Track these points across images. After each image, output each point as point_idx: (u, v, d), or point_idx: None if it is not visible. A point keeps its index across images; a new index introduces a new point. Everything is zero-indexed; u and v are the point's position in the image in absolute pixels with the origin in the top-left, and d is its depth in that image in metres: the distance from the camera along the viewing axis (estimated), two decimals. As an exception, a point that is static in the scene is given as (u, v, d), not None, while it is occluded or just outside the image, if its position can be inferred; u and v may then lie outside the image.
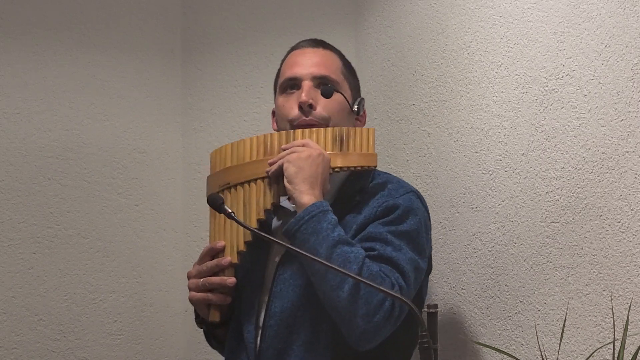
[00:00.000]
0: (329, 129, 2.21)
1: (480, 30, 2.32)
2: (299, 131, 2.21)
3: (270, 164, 2.18)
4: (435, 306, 1.73)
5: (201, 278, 2.21)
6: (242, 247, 2.20)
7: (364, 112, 2.35)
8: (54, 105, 2.85)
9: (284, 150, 2.18)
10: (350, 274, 1.88)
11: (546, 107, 2.09)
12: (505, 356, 2.09)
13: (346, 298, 2.03)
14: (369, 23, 2.84)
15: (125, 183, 2.93)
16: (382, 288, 1.81)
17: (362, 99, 2.32)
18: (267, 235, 2.03)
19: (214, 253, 2.22)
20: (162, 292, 2.97)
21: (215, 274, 2.20)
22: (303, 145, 2.17)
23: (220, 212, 2.08)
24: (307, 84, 2.27)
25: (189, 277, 2.25)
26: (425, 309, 1.76)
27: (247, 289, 2.26)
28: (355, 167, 2.20)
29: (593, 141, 1.96)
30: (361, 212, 2.20)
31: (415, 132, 2.58)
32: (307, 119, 2.25)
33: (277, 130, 2.31)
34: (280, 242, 2.01)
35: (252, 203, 2.19)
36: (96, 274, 2.88)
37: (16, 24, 2.82)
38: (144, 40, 2.98)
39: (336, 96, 2.26)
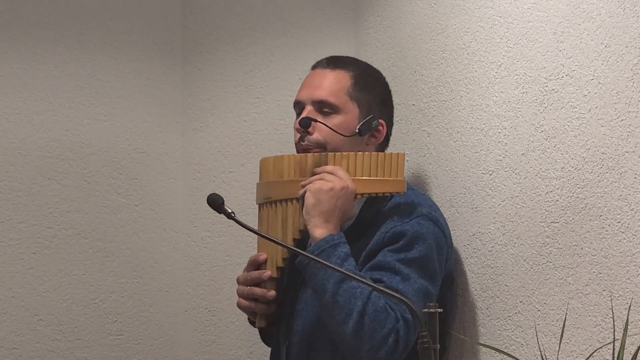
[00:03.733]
0: (359, 154, 2.25)
1: (480, 30, 2.32)
2: (330, 155, 2.26)
3: (302, 186, 2.23)
4: (436, 306, 1.72)
5: (247, 286, 2.30)
6: (280, 263, 2.28)
7: (382, 128, 2.35)
8: (54, 105, 2.85)
9: (315, 174, 2.23)
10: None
11: (546, 107, 2.09)
12: (505, 356, 2.09)
13: (350, 333, 2.09)
14: (369, 23, 2.84)
15: (125, 183, 2.93)
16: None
17: (371, 117, 2.32)
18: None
19: (257, 264, 2.30)
20: (162, 292, 2.97)
21: (258, 285, 2.29)
22: (332, 173, 2.21)
23: (220, 212, 2.09)
24: (307, 109, 2.32)
25: (237, 282, 2.34)
26: (425, 309, 1.77)
27: (285, 305, 2.34)
28: (383, 193, 2.25)
29: (593, 141, 1.96)
30: (373, 236, 2.23)
31: (415, 132, 2.58)
32: (303, 144, 2.32)
33: None
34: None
35: (288, 222, 2.26)
36: (96, 274, 2.88)
37: (16, 24, 2.82)
38: (144, 40, 2.98)
39: (330, 120, 2.30)
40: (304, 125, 2.29)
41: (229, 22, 3.00)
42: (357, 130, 2.30)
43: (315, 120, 2.30)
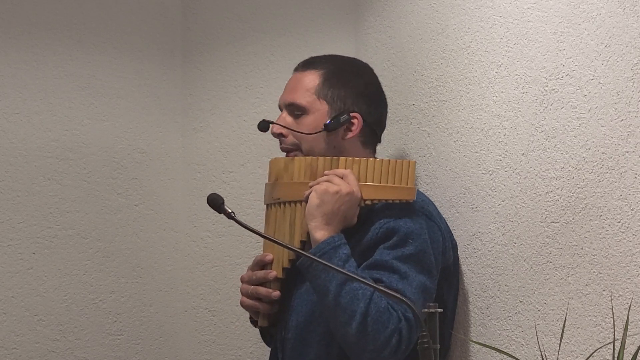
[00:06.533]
0: (370, 160, 2.26)
1: (480, 30, 2.32)
2: (342, 159, 2.27)
3: (310, 187, 2.24)
4: (436, 306, 1.72)
5: (251, 285, 2.31)
6: (286, 264, 2.29)
7: (356, 121, 2.33)
8: (54, 105, 2.85)
9: (326, 175, 2.24)
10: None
11: (546, 107, 2.09)
12: (505, 356, 2.09)
13: (354, 335, 2.11)
14: (369, 23, 2.84)
15: (125, 183, 2.93)
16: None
17: (341, 113, 2.32)
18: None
19: (263, 264, 2.32)
20: (162, 292, 2.97)
21: (262, 284, 2.30)
22: (342, 177, 2.22)
23: (220, 212, 2.10)
24: (283, 113, 2.37)
25: (241, 281, 2.35)
26: (426, 309, 1.77)
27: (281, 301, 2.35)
28: (393, 200, 2.25)
29: (593, 141, 1.96)
30: (367, 232, 2.24)
31: (415, 132, 2.58)
32: (281, 146, 2.37)
33: None
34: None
35: (296, 223, 2.27)
36: (96, 274, 2.88)
37: (16, 24, 2.82)
38: (144, 40, 2.98)
39: (301, 121, 2.33)
40: (262, 129, 2.37)
41: (229, 22, 3.00)
42: (322, 127, 2.31)
43: (273, 122, 2.36)
